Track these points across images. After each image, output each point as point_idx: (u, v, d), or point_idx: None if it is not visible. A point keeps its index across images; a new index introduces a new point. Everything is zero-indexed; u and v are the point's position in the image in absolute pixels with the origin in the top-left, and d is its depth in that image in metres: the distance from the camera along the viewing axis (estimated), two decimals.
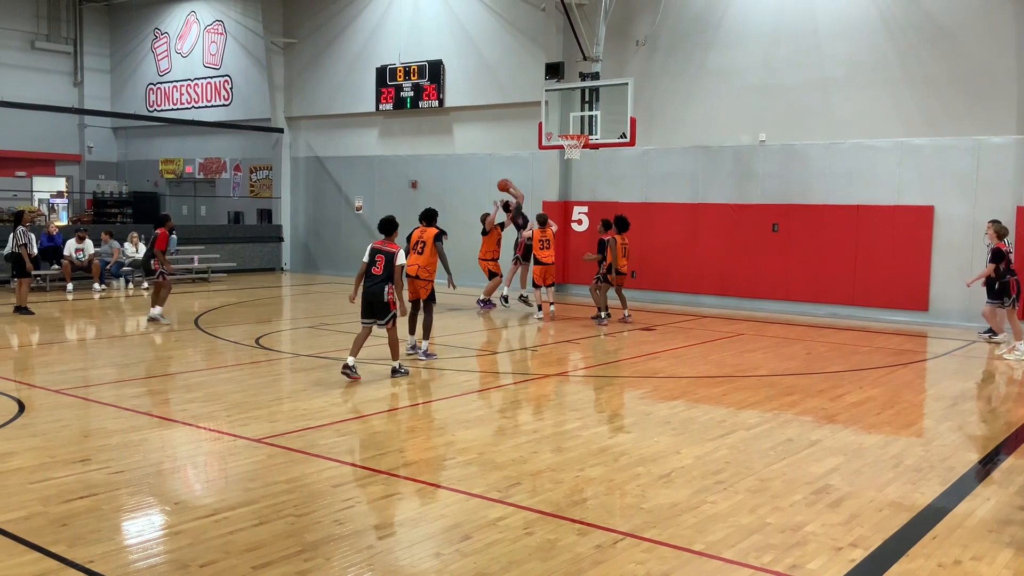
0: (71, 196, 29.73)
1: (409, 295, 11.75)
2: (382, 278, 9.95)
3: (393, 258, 9.97)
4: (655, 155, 19.36)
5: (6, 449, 7.09)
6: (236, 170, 28.08)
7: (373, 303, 10.03)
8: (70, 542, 5.17)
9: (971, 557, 5.19)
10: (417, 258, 11.61)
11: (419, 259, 11.61)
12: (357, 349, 10.11)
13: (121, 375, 10.48)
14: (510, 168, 21.42)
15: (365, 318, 10.17)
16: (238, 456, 7.12)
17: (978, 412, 9.18)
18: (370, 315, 10.11)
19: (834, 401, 9.51)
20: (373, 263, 10.02)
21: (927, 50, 16.16)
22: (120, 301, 18.32)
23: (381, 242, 10.21)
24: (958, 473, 6.92)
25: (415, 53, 22.80)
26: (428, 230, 11.79)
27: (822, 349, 13.18)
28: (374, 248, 10.14)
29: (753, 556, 5.13)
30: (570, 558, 5.05)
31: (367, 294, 10.07)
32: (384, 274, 9.95)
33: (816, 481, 6.58)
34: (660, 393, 9.87)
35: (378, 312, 10.04)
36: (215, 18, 27.78)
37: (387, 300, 9.97)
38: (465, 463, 7.06)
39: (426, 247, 11.64)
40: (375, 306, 10.03)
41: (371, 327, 10.18)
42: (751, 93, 18.04)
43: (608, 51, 18.41)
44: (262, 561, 4.94)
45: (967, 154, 15.86)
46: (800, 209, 17.53)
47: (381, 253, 10.03)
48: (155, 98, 29.83)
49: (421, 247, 11.68)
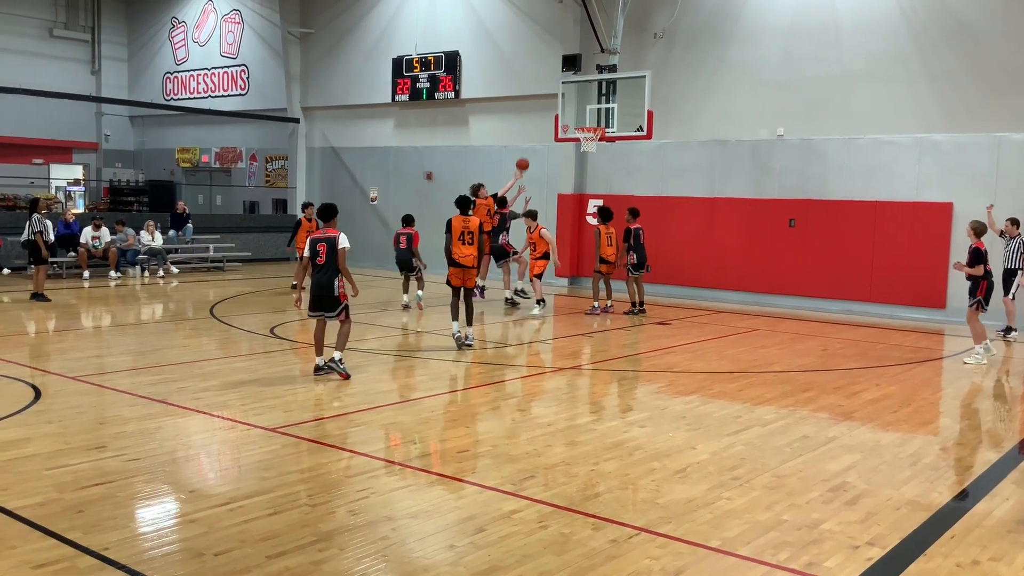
0: (88, 184, 29.87)
1: (454, 282, 11.78)
2: (327, 267, 9.47)
3: (335, 243, 9.46)
4: (672, 149, 19.27)
5: (22, 435, 7.13)
6: (252, 160, 28.13)
7: (322, 296, 9.53)
8: (85, 528, 5.18)
9: (989, 557, 5.14)
10: (471, 248, 11.56)
11: (473, 249, 11.56)
12: (321, 347, 9.76)
13: (136, 363, 10.52)
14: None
15: (313, 311, 9.69)
16: (252, 445, 7.13)
17: (996, 411, 9.09)
18: (319, 308, 9.64)
19: (850, 398, 9.44)
20: (316, 253, 9.50)
21: (947, 45, 16.00)
22: (136, 289, 18.39)
23: (320, 231, 9.68)
24: (976, 472, 6.86)
25: (431, 44, 22.76)
26: (471, 220, 11.68)
27: (838, 346, 13.09)
28: (313, 239, 9.57)
29: (769, 553, 5.09)
30: (584, 552, 5.03)
31: (315, 287, 9.60)
32: (328, 262, 9.45)
33: (833, 478, 6.54)
34: (675, 388, 9.82)
35: (327, 305, 9.56)
36: (232, 7, 27.81)
37: (337, 294, 9.53)
38: (479, 455, 7.05)
39: (475, 237, 11.56)
40: (324, 300, 9.54)
41: (324, 320, 9.73)
42: (769, 87, 17.92)
43: (626, 43, 18.32)
44: (277, 550, 4.94)
45: (987, 151, 15.72)
46: (817, 204, 17.42)
47: (322, 241, 9.47)
48: (172, 87, 29.92)
49: (471, 237, 11.56)
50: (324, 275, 9.52)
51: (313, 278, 9.65)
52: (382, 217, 24.20)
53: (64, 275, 19.62)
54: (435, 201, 21.89)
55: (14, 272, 19.72)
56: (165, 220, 22.75)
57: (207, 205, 29.17)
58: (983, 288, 11.93)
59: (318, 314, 9.69)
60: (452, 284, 11.85)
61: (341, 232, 9.61)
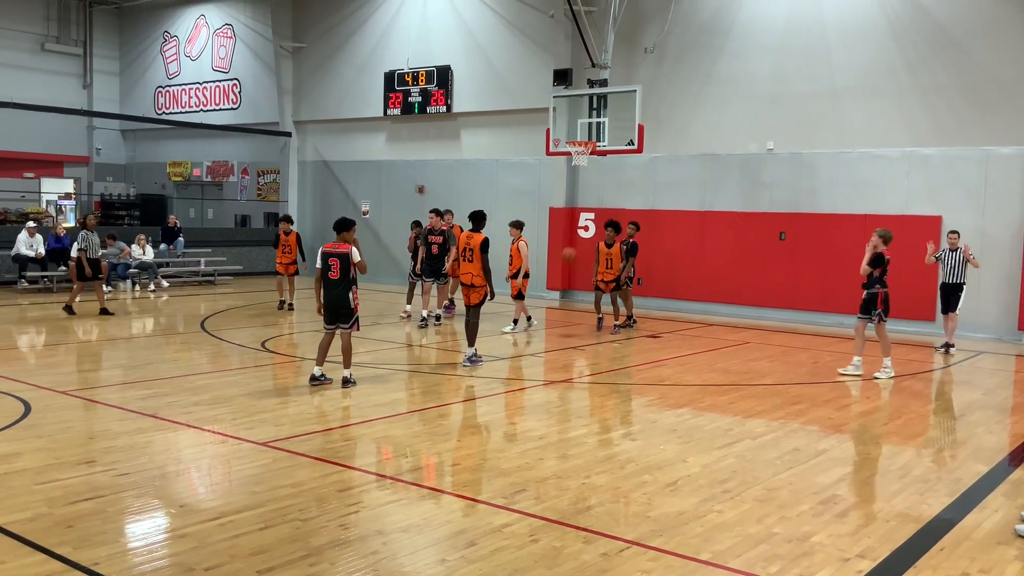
0: (79, 198, 29.80)
1: (466, 301, 11.72)
2: (341, 282, 9.64)
3: (348, 258, 9.66)
4: (663, 162, 19.35)
5: (12, 450, 7.09)
6: (244, 173, 28.13)
7: (338, 310, 9.75)
8: (75, 544, 5.16)
9: (979, 569, 5.16)
10: (468, 266, 11.44)
11: (471, 267, 11.42)
12: (323, 358, 9.96)
13: (127, 377, 10.49)
14: (518, 174, 21.47)
15: (329, 324, 9.90)
16: (243, 460, 7.11)
17: (985, 423, 9.13)
18: (334, 320, 9.83)
19: (841, 411, 9.47)
20: (328, 268, 9.68)
21: (936, 60, 16.13)
22: (127, 303, 18.34)
23: (332, 244, 9.82)
24: (965, 484, 6.88)
25: (423, 58, 22.83)
26: (475, 236, 11.45)
27: (829, 358, 13.14)
28: (325, 252, 9.75)
29: (760, 566, 5.10)
30: (576, 566, 5.03)
31: (329, 301, 9.76)
32: (342, 277, 9.63)
33: (823, 491, 6.55)
34: (666, 401, 9.84)
35: (343, 317, 9.76)
36: (224, 22, 27.87)
37: (352, 306, 9.72)
38: (470, 469, 7.05)
39: (474, 255, 11.37)
40: (340, 313, 9.76)
41: (334, 332, 9.92)
42: (759, 101, 18.03)
43: (616, 58, 18.43)
44: (267, 565, 4.92)
45: (976, 164, 15.83)
46: (808, 218, 17.50)
47: (334, 256, 9.66)
48: (164, 101, 29.93)
49: (470, 255, 11.42)
50: (338, 289, 9.67)
51: (326, 291, 9.77)
52: (374, 230, 24.22)
53: (54, 289, 19.55)
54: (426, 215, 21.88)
55: (3, 286, 19.63)
56: (156, 234, 22.71)
57: (198, 219, 29.15)
58: (881, 299, 11.96)
59: (333, 327, 9.86)
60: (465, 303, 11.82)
61: (352, 247, 9.77)
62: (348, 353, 9.95)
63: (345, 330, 9.84)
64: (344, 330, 9.84)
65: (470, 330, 11.60)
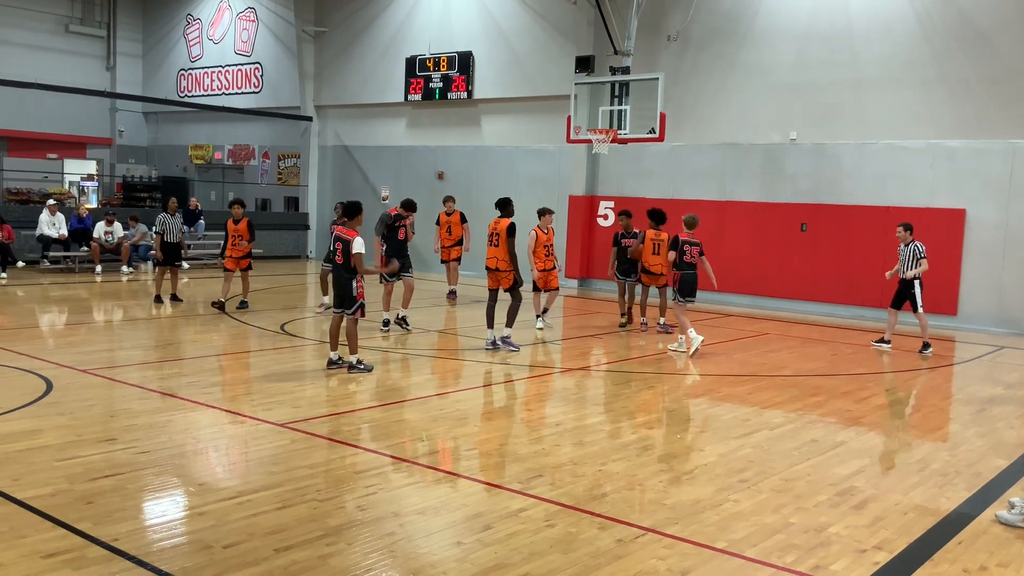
0: (101, 179, 30.00)
1: (489, 284, 11.86)
2: (344, 267, 9.63)
3: (349, 246, 9.57)
4: (684, 151, 19.25)
5: (34, 426, 7.17)
6: (264, 157, 28.22)
7: (343, 295, 9.72)
8: (95, 520, 5.22)
9: (997, 563, 5.13)
10: (494, 251, 11.61)
11: (496, 251, 11.60)
12: (335, 342, 9.95)
13: (147, 357, 10.57)
14: (538, 162, 21.41)
15: (336, 307, 9.88)
16: (261, 440, 7.16)
17: (1006, 418, 9.06)
18: (340, 305, 9.81)
19: (860, 403, 9.42)
20: (335, 250, 9.70)
21: (962, 52, 15.94)
22: (147, 284, 18.46)
23: (342, 228, 9.80)
24: (985, 479, 6.83)
25: (445, 44, 22.79)
26: (501, 221, 11.63)
27: (848, 351, 13.06)
28: (336, 234, 9.75)
29: (776, 556, 5.09)
30: (591, 551, 5.04)
31: (335, 282, 9.83)
32: (344, 263, 9.62)
33: (841, 483, 6.52)
34: (684, 390, 9.81)
35: (347, 302, 9.72)
36: (247, 5, 27.91)
37: (355, 293, 9.66)
38: (487, 454, 7.07)
39: (500, 239, 11.55)
40: (344, 298, 9.72)
41: (341, 316, 9.89)
42: (783, 91, 17.89)
43: (639, 46, 18.32)
44: (284, 544, 4.96)
45: (1000, 157, 15.65)
46: (829, 209, 17.38)
47: (340, 240, 9.66)
48: (186, 84, 30.04)
49: (496, 239, 11.60)
50: (342, 275, 9.69)
51: (334, 271, 9.83)
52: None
53: (76, 269, 19.72)
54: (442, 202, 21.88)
55: (28, 265, 19.81)
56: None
57: (219, 202, 29.25)
58: (677, 280, 12.11)
59: (340, 310, 9.86)
60: (488, 287, 11.99)
61: (357, 236, 9.66)
62: (352, 339, 9.86)
63: (349, 315, 9.78)
64: (349, 315, 9.78)
65: (511, 313, 11.71)
